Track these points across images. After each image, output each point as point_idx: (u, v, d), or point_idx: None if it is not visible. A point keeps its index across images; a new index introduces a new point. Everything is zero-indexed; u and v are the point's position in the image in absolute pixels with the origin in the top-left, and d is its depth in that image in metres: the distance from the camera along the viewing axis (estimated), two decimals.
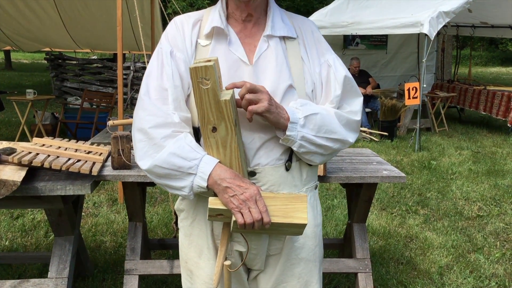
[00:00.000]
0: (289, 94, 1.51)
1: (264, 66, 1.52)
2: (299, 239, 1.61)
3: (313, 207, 1.65)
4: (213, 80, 1.31)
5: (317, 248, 1.68)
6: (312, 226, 1.64)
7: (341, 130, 1.54)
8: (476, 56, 30.99)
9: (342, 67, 1.61)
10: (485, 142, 8.44)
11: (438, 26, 7.57)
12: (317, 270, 1.68)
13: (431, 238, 4.14)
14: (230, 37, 1.54)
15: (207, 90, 1.32)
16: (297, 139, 1.46)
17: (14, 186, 2.19)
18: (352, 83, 1.62)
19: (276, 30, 1.55)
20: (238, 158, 1.41)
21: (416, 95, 7.46)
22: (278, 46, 1.54)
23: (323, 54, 1.61)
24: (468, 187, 5.66)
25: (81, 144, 2.77)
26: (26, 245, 3.85)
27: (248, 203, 1.36)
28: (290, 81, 1.51)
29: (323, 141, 1.51)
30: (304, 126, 1.46)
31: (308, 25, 1.65)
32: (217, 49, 1.53)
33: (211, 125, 1.36)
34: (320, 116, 1.49)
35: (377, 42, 11.49)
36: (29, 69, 23.12)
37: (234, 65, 1.51)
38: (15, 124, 8.99)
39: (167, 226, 4.25)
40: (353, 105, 1.61)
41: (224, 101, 1.33)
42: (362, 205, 2.98)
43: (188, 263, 1.66)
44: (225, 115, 1.34)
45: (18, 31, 8.52)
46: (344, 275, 3.37)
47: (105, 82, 12.70)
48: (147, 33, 6.64)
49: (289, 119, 1.44)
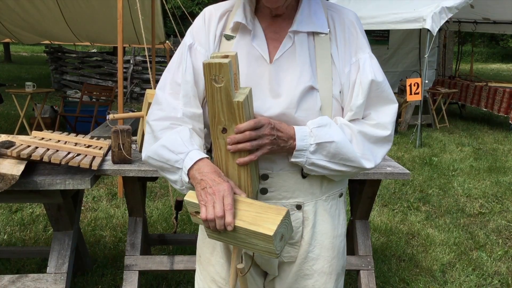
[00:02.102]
0: (309, 96, 1.38)
1: (286, 65, 1.41)
2: (315, 249, 1.51)
3: (333, 216, 1.52)
4: (226, 79, 1.21)
5: (334, 260, 1.55)
6: (330, 237, 1.52)
7: (358, 158, 1.39)
8: (476, 53, 30.94)
9: (371, 69, 1.43)
10: (486, 138, 8.41)
11: (440, 22, 7.53)
12: (333, 283, 1.56)
13: (433, 235, 4.12)
14: (255, 31, 1.44)
15: (219, 89, 1.23)
16: (306, 164, 1.36)
17: (12, 180, 2.15)
18: (382, 88, 1.44)
19: (303, 26, 1.41)
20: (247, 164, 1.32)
21: (417, 91, 7.42)
22: (304, 43, 1.41)
23: (356, 52, 1.45)
24: (470, 184, 5.63)
25: (81, 138, 2.73)
26: (24, 239, 3.82)
27: (214, 197, 1.26)
28: (311, 82, 1.38)
29: (337, 166, 1.39)
30: (316, 152, 1.35)
31: (348, 17, 1.48)
32: (241, 44, 1.44)
33: (221, 125, 1.27)
34: (335, 145, 1.35)
35: (378, 37, 11.45)
36: (29, 62, 23.05)
37: (254, 62, 1.42)
38: (14, 117, 8.95)
39: (167, 221, 4.21)
40: (382, 115, 1.44)
41: (236, 102, 1.23)
42: (365, 201, 2.95)
43: (201, 257, 1.62)
44: (237, 117, 1.25)
45: (18, 24, 8.47)
46: (345, 272, 3.33)
47: (105, 75, 12.66)
48: (147, 26, 6.60)
49: (296, 147, 1.34)
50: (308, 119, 1.38)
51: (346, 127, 1.40)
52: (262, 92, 1.39)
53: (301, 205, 1.46)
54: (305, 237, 1.49)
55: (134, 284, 2.75)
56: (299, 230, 1.48)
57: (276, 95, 1.39)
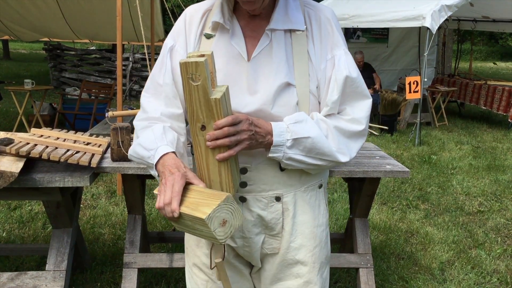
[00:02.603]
0: (286, 92, 1.42)
1: (263, 62, 1.44)
2: (296, 239, 1.55)
3: (312, 207, 1.56)
4: (203, 77, 1.24)
5: (316, 249, 1.59)
6: (310, 227, 1.56)
7: (334, 152, 1.43)
8: (475, 51, 30.93)
9: (346, 66, 1.46)
10: (485, 137, 8.41)
11: (440, 20, 7.52)
12: (317, 271, 1.60)
13: (432, 233, 4.12)
14: (233, 30, 1.47)
15: (196, 87, 1.26)
16: (283, 159, 1.40)
17: (11, 177, 2.15)
18: (357, 83, 1.48)
19: (279, 24, 1.45)
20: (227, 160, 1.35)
21: (417, 89, 7.42)
22: (281, 41, 1.45)
23: (331, 49, 1.48)
24: (469, 182, 5.64)
25: (80, 135, 2.73)
26: (23, 237, 3.82)
27: (165, 187, 1.30)
28: (287, 79, 1.42)
29: (314, 160, 1.43)
30: (292, 147, 1.39)
31: (324, 14, 1.50)
32: (220, 42, 1.48)
33: (200, 123, 1.30)
34: (311, 140, 1.39)
35: (378, 35, 11.44)
36: (27, 59, 23.01)
37: (233, 60, 1.45)
38: (13, 114, 8.94)
39: (166, 219, 4.20)
40: (357, 110, 1.48)
41: (214, 99, 1.26)
42: (365, 199, 2.95)
43: (188, 249, 1.67)
44: (215, 114, 1.28)
45: (17, 21, 8.46)
46: (345, 270, 3.34)
47: (104, 73, 12.64)
48: (146, 24, 6.58)
49: (273, 143, 1.37)
50: (285, 115, 1.41)
51: (322, 122, 1.44)
52: (240, 89, 1.42)
53: (280, 197, 1.50)
54: (286, 227, 1.53)
55: (133, 282, 2.75)
56: (279, 221, 1.52)
57: (253, 92, 1.42)
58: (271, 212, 1.50)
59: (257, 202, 1.49)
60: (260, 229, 1.53)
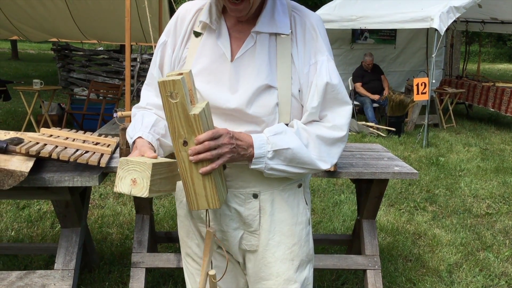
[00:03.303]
0: (266, 94, 1.46)
1: (246, 63, 1.48)
2: (275, 236, 1.58)
3: (291, 205, 1.60)
4: (181, 95, 1.28)
5: (295, 247, 1.62)
6: (288, 225, 1.60)
7: (314, 160, 1.48)
8: (483, 53, 30.79)
9: (327, 72, 1.49)
10: (493, 139, 8.37)
11: (448, 21, 7.50)
12: (295, 268, 1.62)
13: (439, 235, 4.10)
14: (220, 31, 1.52)
15: (176, 104, 1.29)
16: (265, 170, 1.44)
17: (21, 176, 2.16)
18: (337, 90, 1.51)
19: (265, 27, 1.48)
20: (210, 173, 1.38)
21: (425, 90, 7.40)
22: (265, 43, 1.48)
23: (315, 54, 1.51)
24: (477, 184, 5.61)
25: (89, 135, 2.74)
26: (32, 236, 3.84)
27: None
28: (267, 81, 1.45)
29: (295, 169, 1.47)
30: (273, 158, 1.43)
31: (309, 20, 1.53)
32: (207, 41, 1.52)
33: (182, 139, 1.33)
34: (291, 151, 1.43)
35: (385, 36, 11.40)
36: (36, 60, 23.14)
37: (217, 60, 1.50)
38: (22, 114, 8.99)
39: (174, 219, 4.22)
40: (338, 116, 1.51)
41: (193, 115, 1.30)
42: (372, 201, 2.94)
43: (181, 241, 1.74)
44: (195, 129, 1.32)
45: (25, 21, 8.51)
46: (352, 271, 3.34)
47: (112, 73, 12.69)
48: (154, 25, 6.61)
49: (254, 155, 1.41)
50: (263, 115, 1.46)
51: (303, 131, 1.48)
52: (222, 87, 1.48)
53: (257, 194, 1.55)
54: (264, 225, 1.58)
55: (141, 281, 2.76)
56: (256, 218, 1.57)
57: (234, 90, 1.47)
58: (248, 208, 1.55)
59: (234, 198, 1.54)
60: (238, 225, 1.58)
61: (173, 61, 1.57)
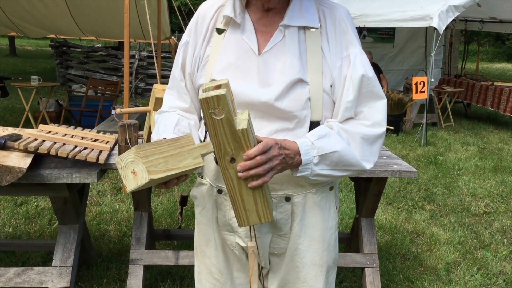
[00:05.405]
0: (298, 89, 1.40)
1: (275, 57, 1.44)
2: (304, 241, 1.53)
3: (323, 209, 1.55)
4: (227, 110, 1.18)
5: (325, 253, 1.57)
6: (319, 230, 1.55)
7: (359, 161, 1.42)
8: (482, 52, 30.80)
9: (361, 65, 1.45)
10: (492, 138, 8.38)
11: (447, 20, 7.49)
12: (324, 275, 1.58)
13: (437, 234, 4.10)
14: (244, 25, 1.47)
15: (221, 121, 1.20)
16: (310, 176, 1.38)
17: (20, 173, 2.15)
18: (372, 83, 1.46)
19: (294, 20, 1.44)
20: (260, 187, 1.30)
21: (423, 89, 7.40)
22: (294, 37, 1.44)
23: (346, 47, 1.46)
24: (475, 183, 5.62)
25: (88, 132, 2.73)
26: (29, 232, 3.83)
27: None
28: (299, 75, 1.40)
29: (340, 172, 1.42)
30: (319, 164, 1.36)
31: (338, 13, 1.49)
32: (231, 37, 1.48)
33: (229, 156, 1.24)
34: (338, 154, 1.37)
35: (384, 35, 11.40)
36: (33, 56, 23.07)
37: (244, 55, 1.45)
38: (19, 111, 8.96)
39: (172, 216, 4.22)
40: (376, 112, 1.46)
41: (241, 130, 1.21)
42: (371, 199, 2.94)
43: (197, 249, 1.67)
44: (244, 145, 1.23)
45: (23, 17, 8.46)
46: (350, 269, 3.33)
47: (110, 70, 12.65)
48: (153, 21, 6.58)
49: (302, 162, 1.34)
50: (295, 110, 1.41)
51: (343, 131, 1.42)
52: (251, 82, 1.43)
53: (290, 197, 1.49)
54: (294, 229, 1.52)
55: (139, 278, 2.76)
56: (288, 221, 1.51)
57: (264, 84, 1.42)
58: (280, 212, 1.49)
59: None
60: (268, 228, 1.52)
61: (194, 61, 1.53)
